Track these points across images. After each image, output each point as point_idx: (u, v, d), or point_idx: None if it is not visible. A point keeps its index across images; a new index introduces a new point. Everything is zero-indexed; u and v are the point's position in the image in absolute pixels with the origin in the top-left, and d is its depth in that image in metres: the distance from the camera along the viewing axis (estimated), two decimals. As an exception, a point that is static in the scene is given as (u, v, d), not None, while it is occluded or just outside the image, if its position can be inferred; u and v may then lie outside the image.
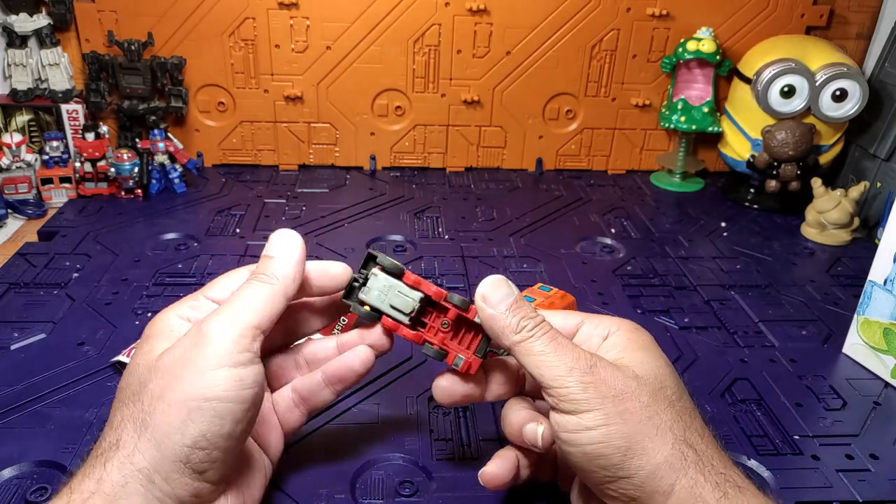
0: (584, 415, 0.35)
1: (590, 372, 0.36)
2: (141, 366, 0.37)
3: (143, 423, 0.35)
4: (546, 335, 0.37)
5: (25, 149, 0.84)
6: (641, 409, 0.35)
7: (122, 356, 0.54)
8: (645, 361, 0.38)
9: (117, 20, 0.88)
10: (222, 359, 0.35)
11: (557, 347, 0.37)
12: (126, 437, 0.35)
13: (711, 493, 0.34)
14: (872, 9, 0.94)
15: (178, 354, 0.36)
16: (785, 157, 0.87)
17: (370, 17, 0.90)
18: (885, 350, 0.58)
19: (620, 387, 0.36)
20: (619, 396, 0.35)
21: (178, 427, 0.34)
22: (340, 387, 0.43)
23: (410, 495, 0.44)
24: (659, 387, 0.37)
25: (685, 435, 0.36)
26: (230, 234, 0.79)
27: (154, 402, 0.35)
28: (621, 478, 0.35)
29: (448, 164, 1.00)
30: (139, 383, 0.36)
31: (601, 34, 0.93)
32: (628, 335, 0.40)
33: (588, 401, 0.35)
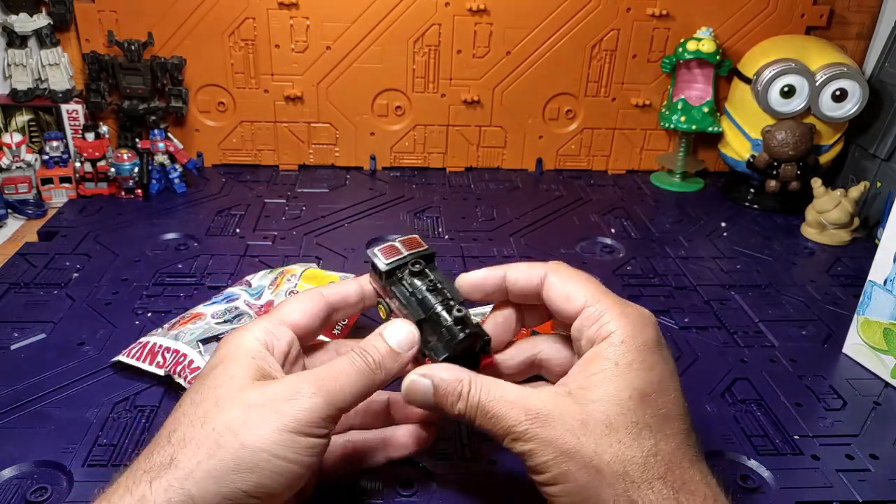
0: (538, 476, 0.35)
1: (541, 420, 0.35)
2: (220, 389, 0.36)
3: (209, 453, 0.33)
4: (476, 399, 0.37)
5: (25, 149, 0.84)
6: (590, 462, 0.34)
7: (122, 356, 0.54)
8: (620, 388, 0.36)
9: (117, 20, 0.88)
10: (304, 426, 0.35)
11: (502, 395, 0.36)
12: (184, 459, 0.33)
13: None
14: (872, 9, 0.94)
15: (265, 397, 0.35)
16: (785, 157, 0.87)
17: (370, 17, 0.90)
18: (885, 350, 0.58)
19: (574, 443, 0.34)
20: (576, 454, 0.34)
21: (245, 471, 0.33)
22: (395, 455, 0.43)
23: (410, 495, 0.44)
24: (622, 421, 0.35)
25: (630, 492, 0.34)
26: (230, 234, 0.79)
27: (230, 436, 0.34)
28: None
29: (448, 164, 1.00)
30: (216, 407, 0.35)
31: (601, 34, 0.93)
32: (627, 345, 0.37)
33: (548, 464, 0.35)
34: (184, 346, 0.53)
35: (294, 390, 0.35)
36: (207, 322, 0.56)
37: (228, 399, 0.35)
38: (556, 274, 0.40)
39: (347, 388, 0.37)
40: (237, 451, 0.33)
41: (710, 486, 0.36)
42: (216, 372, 0.37)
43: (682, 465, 0.35)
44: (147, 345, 0.54)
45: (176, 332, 0.55)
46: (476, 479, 0.46)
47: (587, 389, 0.36)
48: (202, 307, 0.59)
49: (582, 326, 0.38)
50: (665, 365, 0.37)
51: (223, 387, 0.36)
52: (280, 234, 0.79)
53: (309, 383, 0.36)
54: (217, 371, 0.37)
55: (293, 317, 0.41)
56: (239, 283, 0.62)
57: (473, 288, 0.42)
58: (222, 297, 0.60)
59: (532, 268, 0.41)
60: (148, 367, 0.53)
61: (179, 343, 0.53)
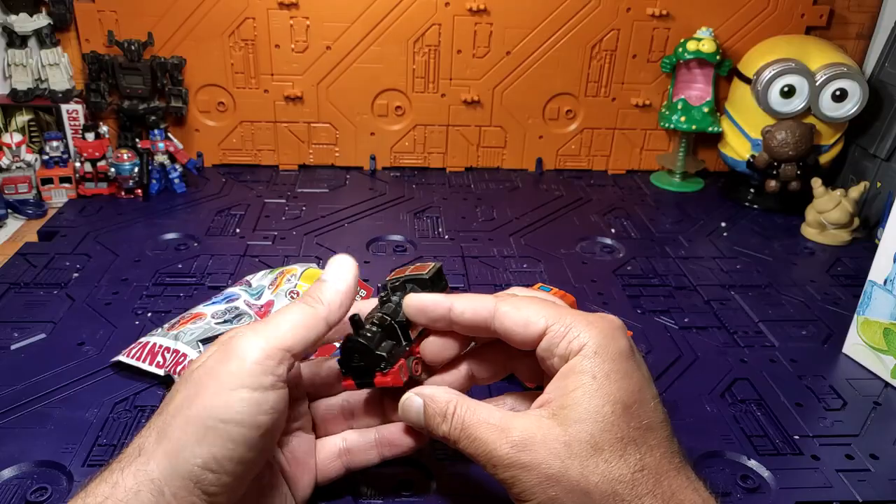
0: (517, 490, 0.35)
1: (507, 465, 0.34)
2: (183, 375, 0.36)
3: (162, 433, 0.34)
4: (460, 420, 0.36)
5: (25, 149, 0.84)
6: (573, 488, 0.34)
7: (122, 356, 0.54)
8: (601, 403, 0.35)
9: (117, 20, 0.88)
10: (243, 379, 0.34)
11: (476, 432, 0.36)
12: (147, 445, 0.34)
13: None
14: (872, 9, 0.94)
15: (206, 367, 0.35)
16: (785, 157, 0.87)
17: (370, 17, 0.90)
18: (885, 350, 0.58)
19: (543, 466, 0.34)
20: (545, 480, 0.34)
21: (191, 445, 0.33)
22: (389, 454, 0.43)
23: (410, 495, 0.44)
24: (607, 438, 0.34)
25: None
26: (230, 234, 0.79)
27: (176, 413, 0.34)
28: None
29: (448, 164, 1.00)
30: (174, 391, 0.36)
31: (601, 34, 0.93)
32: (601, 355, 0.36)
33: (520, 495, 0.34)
34: (184, 346, 0.53)
35: (233, 353, 0.35)
36: (207, 322, 0.56)
37: (182, 380, 0.36)
38: (507, 303, 0.38)
39: (289, 328, 0.36)
40: (184, 426, 0.33)
41: (698, 491, 0.35)
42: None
43: (669, 475, 0.35)
44: (147, 345, 0.54)
45: (176, 332, 0.55)
46: (476, 479, 0.46)
47: (568, 408, 0.35)
48: (202, 307, 0.59)
49: (550, 345, 0.37)
50: (640, 372, 0.37)
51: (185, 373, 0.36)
52: (280, 234, 0.79)
53: (248, 338, 0.35)
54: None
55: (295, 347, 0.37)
56: (239, 283, 0.62)
57: (417, 311, 0.40)
58: (222, 297, 0.60)
59: (481, 300, 0.39)
60: (148, 367, 0.53)
61: (179, 343, 0.53)
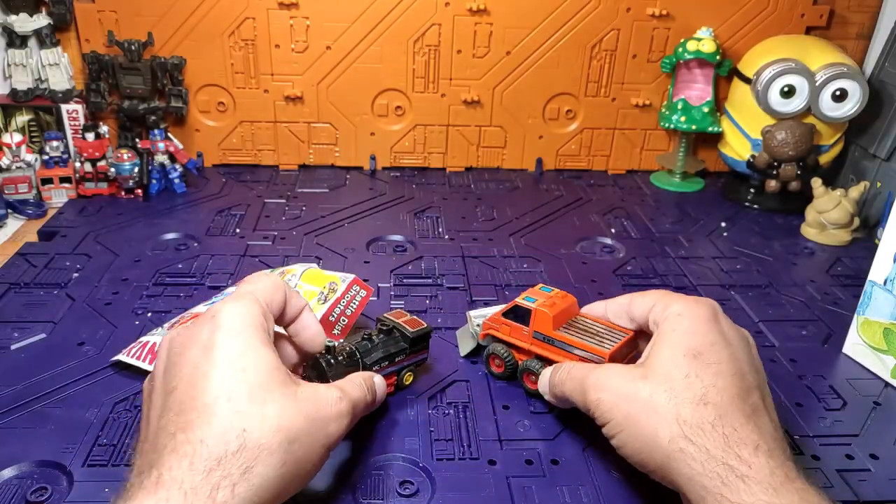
0: (606, 425, 0.42)
1: (594, 389, 0.43)
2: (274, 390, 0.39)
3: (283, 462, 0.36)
4: (571, 371, 0.46)
5: (25, 149, 0.83)
6: (667, 444, 0.38)
7: (123, 356, 0.54)
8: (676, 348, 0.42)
9: (117, 20, 0.88)
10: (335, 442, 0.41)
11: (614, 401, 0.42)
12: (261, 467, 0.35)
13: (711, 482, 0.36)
14: (872, 9, 0.94)
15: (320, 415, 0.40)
16: (785, 157, 0.87)
17: (370, 17, 0.90)
18: (885, 350, 0.58)
19: (644, 424, 0.40)
20: (643, 434, 0.40)
21: (297, 479, 0.38)
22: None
23: (410, 495, 0.44)
24: (676, 374, 0.40)
25: (684, 431, 0.38)
26: (230, 234, 0.78)
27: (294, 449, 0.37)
28: (651, 471, 0.40)
29: (448, 164, 1.00)
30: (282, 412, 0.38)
31: (601, 34, 0.93)
32: (683, 315, 0.43)
33: (603, 415, 0.42)
34: None
35: (339, 411, 0.40)
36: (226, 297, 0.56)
37: (291, 408, 0.38)
38: (640, 296, 0.49)
39: (360, 416, 0.44)
40: (300, 461, 0.37)
41: (763, 437, 0.38)
42: (252, 361, 0.38)
43: (734, 416, 0.38)
44: (147, 344, 0.54)
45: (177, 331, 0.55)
46: (476, 479, 0.46)
47: (650, 357, 0.43)
48: (202, 307, 0.59)
49: (654, 316, 0.46)
50: (719, 335, 0.42)
51: (275, 390, 0.38)
52: (280, 234, 0.79)
53: (349, 409, 0.41)
54: (251, 359, 0.38)
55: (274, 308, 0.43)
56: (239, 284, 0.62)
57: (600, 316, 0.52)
58: (221, 297, 0.60)
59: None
60: (149, 366, 0.53)
61: None
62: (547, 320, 0.50)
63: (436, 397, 0.53)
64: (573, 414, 0.51)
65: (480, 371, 0.56)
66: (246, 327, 0.39)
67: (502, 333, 0.54)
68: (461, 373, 0.56)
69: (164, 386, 0.38)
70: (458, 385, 0.55)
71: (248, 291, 0.42)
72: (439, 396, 0.53)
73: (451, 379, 0.55)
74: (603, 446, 0.48)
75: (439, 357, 0.58)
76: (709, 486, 0.36)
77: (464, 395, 0.53)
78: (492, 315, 0.55)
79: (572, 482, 0.45)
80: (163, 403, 0.37)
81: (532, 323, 0.51)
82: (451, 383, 0.55)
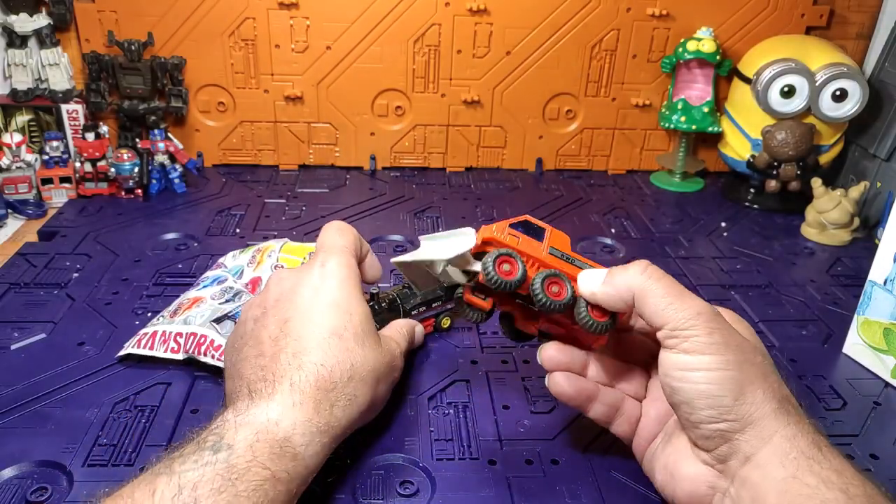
0: (707, 357, 0.37)
1: (715, 319, 0.38)
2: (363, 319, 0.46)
3: (373, 397, 0.45)
4: (662, 279, 0.40)
5: (25, 149, 0.83)
6: (757, 364, 0.38)
7: (132, 348, 0.55)
8: (750, 337, 0.42)
9: (117, 20, 0.88)
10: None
11: (681, 292, 0.39)
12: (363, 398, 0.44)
13: (808, 445, 0.36)
14: (872, 9, 0.94)
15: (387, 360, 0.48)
16: (785, 157, 0.87)
17: (370, 17, 0.90)
18: (885, 350, 0.58)
19: (740, 341, 0.39)
20: (740, 346, 0.38)
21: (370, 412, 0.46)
22: None
23: (410, 495, 0.44)
24: (763, 354, 0.40)
25: (788, 396, 0.39)
26: (230, 234, 0.79)
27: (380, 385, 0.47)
28: (727, 420, 0.37)
29: (448, 164, 1.00)
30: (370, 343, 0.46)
31: (601, 34, 0.93)
32: (731, 316, 0.43)
33: (712, 345, 0.37)
34: (198, 328, 0.54)
35: (399, 362, 0.49)
36: (210, 304, 0.56)
37: (378, 353, 0.45)
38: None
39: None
40: (380, 396, 0.46)
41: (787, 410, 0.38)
42: (352, 306, 0.45)
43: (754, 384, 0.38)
44: (155, 334, 0.55)
45: (183, 316, 0.55)
46: (476, 479, 0.46)
47: None
48: (195, 292, 0.60)
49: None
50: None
51: (369, 335, 0.45)
52: (280, 234, 0.79)
53: (402, 360, 0.50)
54: (352, 304, 0.45)
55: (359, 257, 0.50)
56: (216, 267, 0.64)
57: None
58: (211, 280, 0.61)
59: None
60: (163, 354, 0.54)
61: (193, 326, 0.54)
62: (564, 240, 0.45)
63: (436, 397, 0.53)
64: (573, 414, 0.51)
65: (480, 371, 0.56)
66: (348, 278, 0.46)
67: (509, 242, 0.42)
68: (461, 373, 0.56)
69: (277, 314, 0.45)
70: (458, 385, 0.55)
71: (344, 246, 0.48)
72: (439, 396, 0.53)
73: (451, 379, 0.55)
74: (603, 446, 0.48)
75: (439, 357, 0.58)
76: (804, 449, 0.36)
77: (464, 395, 0.53)
78: (493, 225, 0.43)
79: (572, 482, 0.45)
80: (278, 328, 0.44)
81: (548, 240, 0.44)
82: (452, 383, 0.55)
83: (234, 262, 0.64)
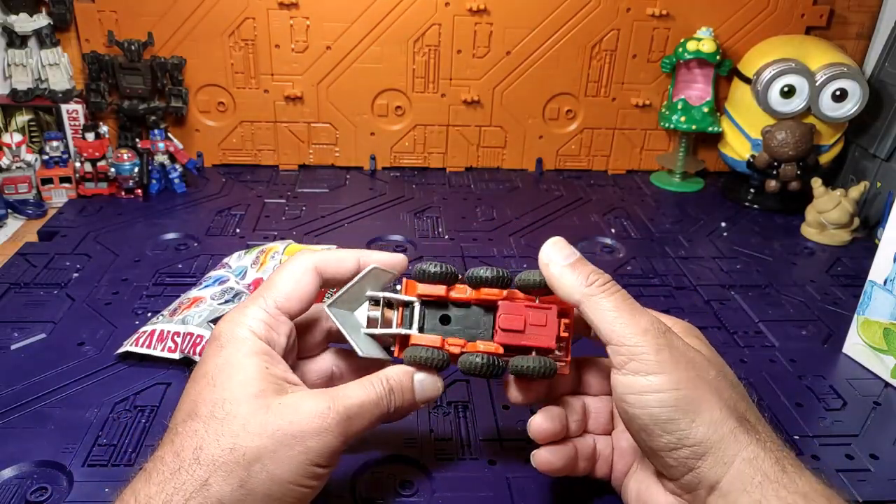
0: (655, 377, 0.35)
1: (664, 335, 0.36)
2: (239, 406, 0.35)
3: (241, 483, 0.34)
4: (617, 293, 0.38)
5: (25, 149, 0.83)
6: (710, 381, 0.36)
7: (130, 346, 0.55)
8: (703, 349, 0.39)
9: (117, 20, 0.88)
10: (327, 460, 0.36)
11: (631, 307, 0.37)
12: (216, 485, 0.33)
13: (771, 467, 0.35)
14: (872, 9, 0.94)
15: (294, 429, 0.35)
16: (785, 157, 0.87)
17: (370, 17, 0.90)
18: (885, 350, 0.58)
19: (691, 356, 0.37)
20: (691, 362, 0.36)
21: (273, 500, 0.35)
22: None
23: (410, 495, 0.44)
24: (718, 368, 0.38)
25: (746, 413, 0.37)
26: (230, 234, 0.79)
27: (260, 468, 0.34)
28: (685, 445, 0.35)
29: (448, 164, 1.00)
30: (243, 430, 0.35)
31: (601, 34, 0.93)
32: (682, 328, 0.41)
33: (661, 363, 0.35)
34: (195, 328, 0.54)
35: (322, 425, 0.36)
36: (209, 304, 0.56)
37: (256, 423, 0.35)
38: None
39: (365, 426, 0.38)
40: (266, 482, 0.34)
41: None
42: (225, 375, 0.36)
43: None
44: (154, 332, 0.55)
45: (181, 316, 0.55)
46: (476, 479, 0.46)
47: None
48: (196, 291, 0.60)
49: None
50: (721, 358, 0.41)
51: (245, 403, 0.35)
52: (280, 234, 0.79)
53: (337, 421, 0.36)
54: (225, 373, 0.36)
55: (292, 307, 0.40)
56: (220, 267, 0.64)
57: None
58: (213, 280, 0.61)
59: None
60: (160, 353, 0.54)
61: (190, 326, 0.54)
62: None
63: (436, 397, 0.53)
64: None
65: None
66: (232, 340, 0.38)
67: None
68: (461, 373, 0.56)
69: None
70: (458, 385, 0.55)
71: (259, 295, 0.40)
72: (439, 396, 0.53)
73: (451, 379, 0.55)
74: (603, 446, 0.48)
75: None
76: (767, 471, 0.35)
77: (464, 395, 0.53)
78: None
79: (572, 482, 0.45)
80: None
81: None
82: (452, 383, 0.55)
83: (238, 263, 0.64)
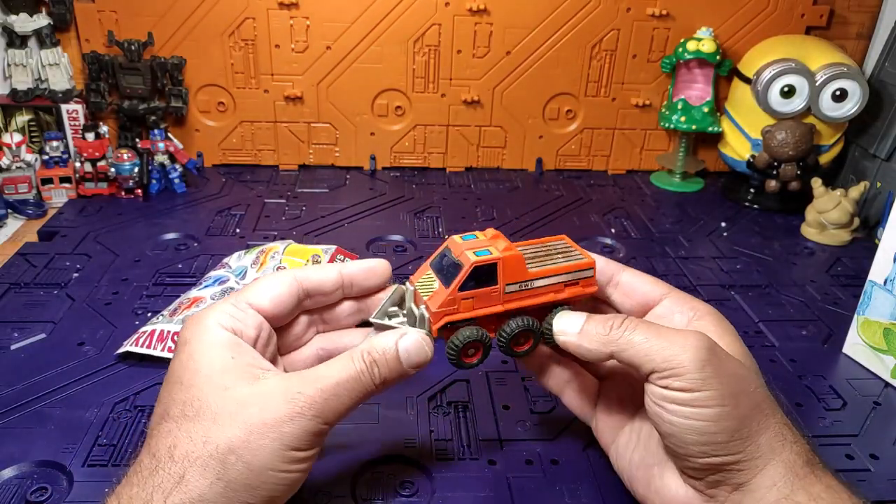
0: (700, 393, 0.35)
1: (707, 350, 0.36)
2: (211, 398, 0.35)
3: (218, 475, 0.33)
4: (640, 325, 0.37)
5: (25, 149, 0.83)
6: (751, 393, 0.36)
7: (130, 346, 0.55)
8: (738, 352, 0.39)
9: (117, 20, 0.88)
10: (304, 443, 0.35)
11: (660, 331, 0.37)
12: (194, 480, 0.33)
13: (801, 468, 0.35)
14: (872, 9, 0.94)
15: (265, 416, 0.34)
16: (785, 157, 0.87)
17: (370, 17, 0.90)
18: (885, 350, 0.58)
19: (734, 368, 0.36)
20: (735, 375, 0.36)
21: (253, 489, 0.34)
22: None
23: (410, 495, 0.44)
24: (756, 374, 0.38)
25: (783, 418, 0.37)
26: (230, 234, 0.79)
27: (234, 458, 0.34)
28: (719, 455, 0.35)
29: (448, 164, 1.00)
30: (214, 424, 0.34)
31: (601, 34, 0.93)
32: (715, 325, 0.40)
33: (705, 380, 0.35)
34: None
35: (294, 410, 0.35)
36: (209, 304, 0.56)
37: (225, 415, 0.34)
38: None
39: (347, 405, 0.36)
40: (243, 472, 0.34)
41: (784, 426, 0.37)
42: (191, 372, 0.36)
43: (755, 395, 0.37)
44: (154, 332, 0.55)
45: (182, 316, 0.55)
46: (476, 479, 0.46)
47: None
48: (196, 291, 0.60)
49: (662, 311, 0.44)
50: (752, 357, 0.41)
51: (213, 396, 0.35)
52: (280, 234, 0.79)
53: (310, 404, 0.35)
54: (191, 370, 0.36)
55: (261, 302, 0.40)
56: (220, 267, 0.64)
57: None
58: (213, 280, 0.61)
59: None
60: (160, 353, 0.54)
61: None
62: (520, 263, 0.41)
63: (436, 397, 0.53)
64: (573, 414, 0.51)
65: (480, 371, 0.56)
66: (195, 334, 0.37)
67: (464, 311, 0.41)
68: (461, 373, 0.56)
69: None
70: (458, 385, 0.55)
71: (230, 296, 0.40)
72: (439, 396, 0.53)
73: (451, 379, 0.55)
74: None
75: (439, 357, 0.58)
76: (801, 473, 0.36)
77: (464, 395, 0.54)
78: (439, 300, 0.40)
79: (572, 482, 0.45)
80: None
81: (502, 276, 0.41)
82: (452, 383, 0.55)
83: (238, 263, 0.64)
